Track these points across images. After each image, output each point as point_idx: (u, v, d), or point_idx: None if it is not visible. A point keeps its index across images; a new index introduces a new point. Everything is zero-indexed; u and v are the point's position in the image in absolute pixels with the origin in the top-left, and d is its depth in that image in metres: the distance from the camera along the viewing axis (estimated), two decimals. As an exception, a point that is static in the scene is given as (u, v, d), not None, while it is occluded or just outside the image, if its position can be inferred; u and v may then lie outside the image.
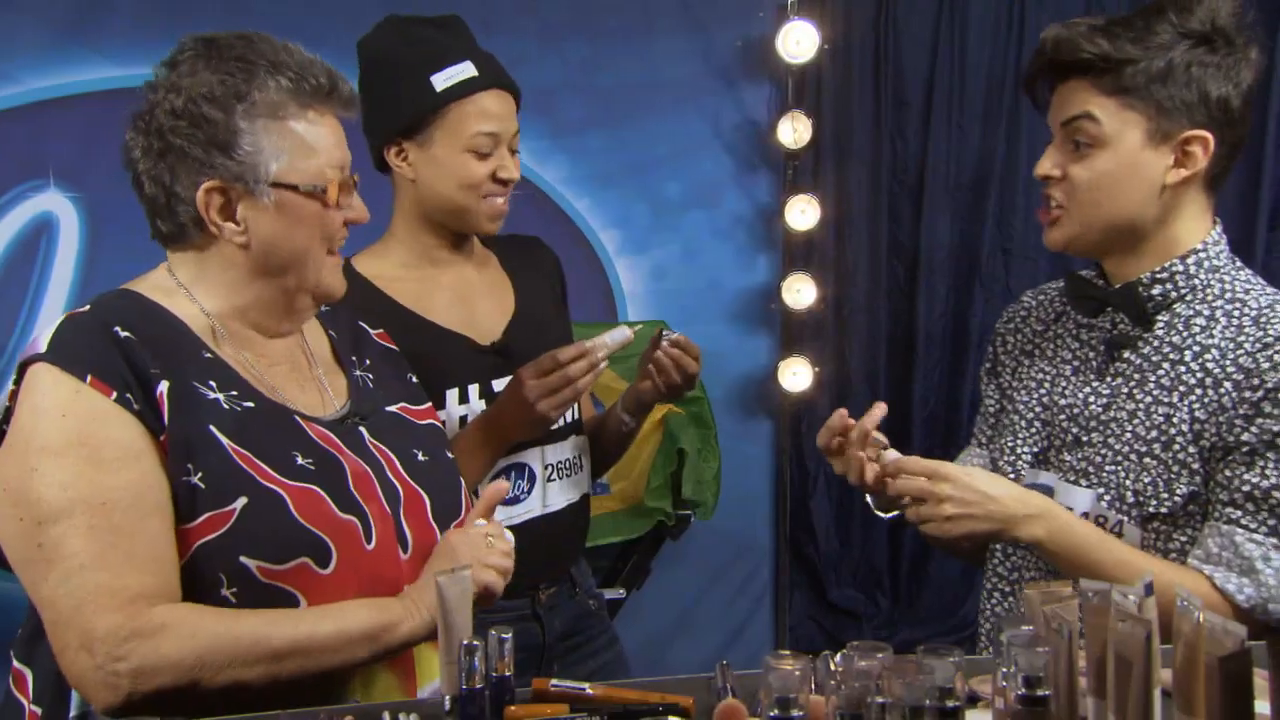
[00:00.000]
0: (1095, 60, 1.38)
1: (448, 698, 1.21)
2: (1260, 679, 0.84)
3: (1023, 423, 1.55)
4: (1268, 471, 1.34)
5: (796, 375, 3.44)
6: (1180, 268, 1.43)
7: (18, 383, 1.22)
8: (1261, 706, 0.84)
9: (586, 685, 1.30)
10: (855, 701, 0.92)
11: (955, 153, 3.63)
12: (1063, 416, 1.49)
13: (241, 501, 1.23)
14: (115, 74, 2.95)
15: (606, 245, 3.41)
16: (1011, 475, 1.52)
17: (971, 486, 1.38)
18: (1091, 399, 1.47)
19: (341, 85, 1.34)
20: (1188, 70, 1.38)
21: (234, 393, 1.29)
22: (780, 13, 3.34)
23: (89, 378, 1.20)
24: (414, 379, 1.57)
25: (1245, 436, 1.34)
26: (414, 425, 1.49)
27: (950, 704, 0.91)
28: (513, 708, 1.21)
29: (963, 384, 3.68)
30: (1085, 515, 1.43)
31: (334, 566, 1.27)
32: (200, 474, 1.22)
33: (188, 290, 1.32)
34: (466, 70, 1.80)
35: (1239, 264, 1.47)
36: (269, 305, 1.36)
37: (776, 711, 0.95)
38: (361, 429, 1.40)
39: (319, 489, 1.28)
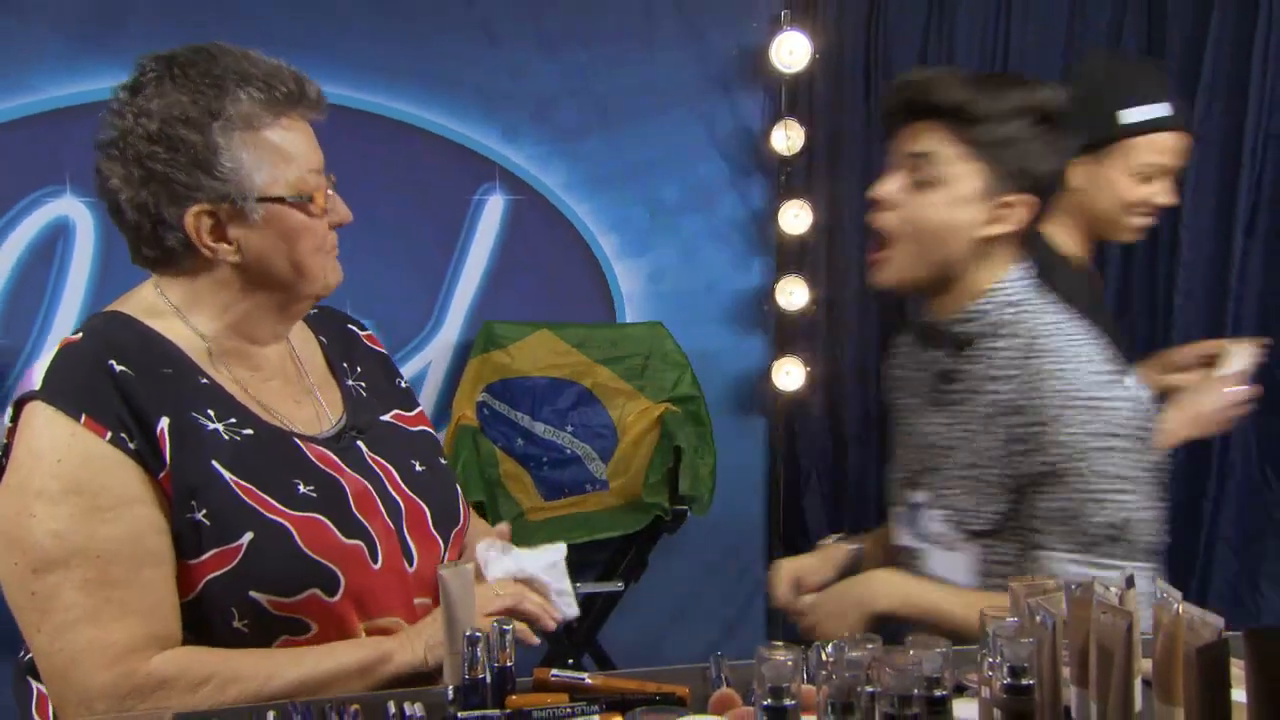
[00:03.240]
0: (955, 108, 1.49)
1: (451, 687, 1.24)
2: (1237, 669, 0.86)
3: (900, 449, 1.70)
4: (1058, 495, 1.44)
5: (789, 375, 3.52)
6: (984, 305, 1.54)
7: (14, 419, 1.19)
8: (1238, 695, 0.86)
9: (585, 675, 1.32)
10: (845, 691, 0.92)
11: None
12: (918, 444, 1.63)
13: (248, 537, 1.22)
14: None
15: (605, 248, 3.49)
16: (894, 499, 1.69)
17: (829, 598, 1.60)
18: (929, 428, 1.61)
19: (309, 88, 1.30)
20: (1024, 144, 1.50)
21: (232, 420, 1.26)
22: (774, 23, 3.41)
23: (83, 418, 1.17)
24: (403, 383, 1.55)
25: (1040, 464, 1.45)
26: (409, 434, 1.48)
27: (938, 693, 0.92)
28: (514, 696, 1.24)
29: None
30: (935, 534, 1.58)
31: (341, 593, 1.28)
32: (204, 510, 1.20)
33: (180, 312, 1.30)
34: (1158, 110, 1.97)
35: (1047, 299, 1.56)
36: (264, 317, 1.34)
37: (770, 700, 0.95)
38: (360, 443, 1.39)
39: (322, 517, 1.28)
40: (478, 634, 1.24)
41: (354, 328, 1.56)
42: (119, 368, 1.20)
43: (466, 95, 3.34)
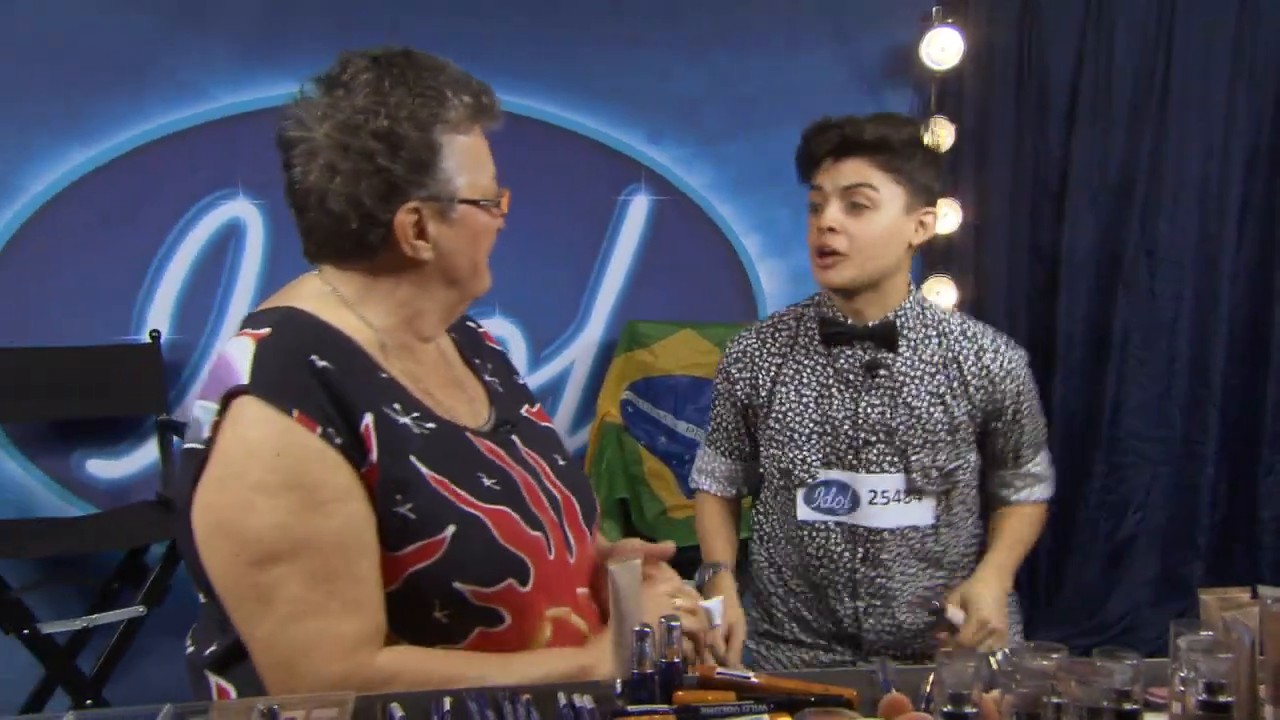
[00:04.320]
0: (878, 143, 1.80)
1: (619, 681, 1.25)
2: None
3: (802, 437, 1.90)
4: (1020, 430, 1.93)
5: (935, 377, 3.47)
6: (911, 307, 1.89)
7: (221, 414, 1.18)
8: None
9: (751, 674, 1.31)
10: (1031, 701, 0.91)
11: (1099, 156, 3.59)
12: (846, 426, 1.87)
13: (450, 529, 1.23)
14: (298, 89, 3.13)
15: (749, 249, 3.50)
16: (808, 478, 1.90)
17: (993, 612, 1.80)
18: (866, 409, 1.87)
19: (496, 101, 1.34)
20: (926, 166, 1.85)
21: (416, 415, 1.27)
22: (924, 20, 3.37)
23: (295, 412, 1.17)
24: (521, 380, 1.55)
25: (1005, 415, 1.90)
26: (543, 429, 1.50)
27: (1128, 707, 0.90)
28: (681, 692, 1.24)
29: (1103, 387, 3.65)
30: (890, 494, 1.87)
31: (532, 583, 1.29)
32: (409, 505, 1.21)
33: (353, 306, 1.30)
34: None
35: (928, 300, 1.95)
36: (434, 313, 1.36)
37: (950, 708, 0.94)
38: (514, 438, 1.41)
39: (509, 509, 1.29)
40: (647, 629, 1.26)
41: (472, 324, 1.56)
42: (320, 363, 1.21)
43: (613, 98, 3.39)
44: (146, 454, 3.22)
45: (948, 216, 3.41)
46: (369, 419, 1.21)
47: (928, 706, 1.20)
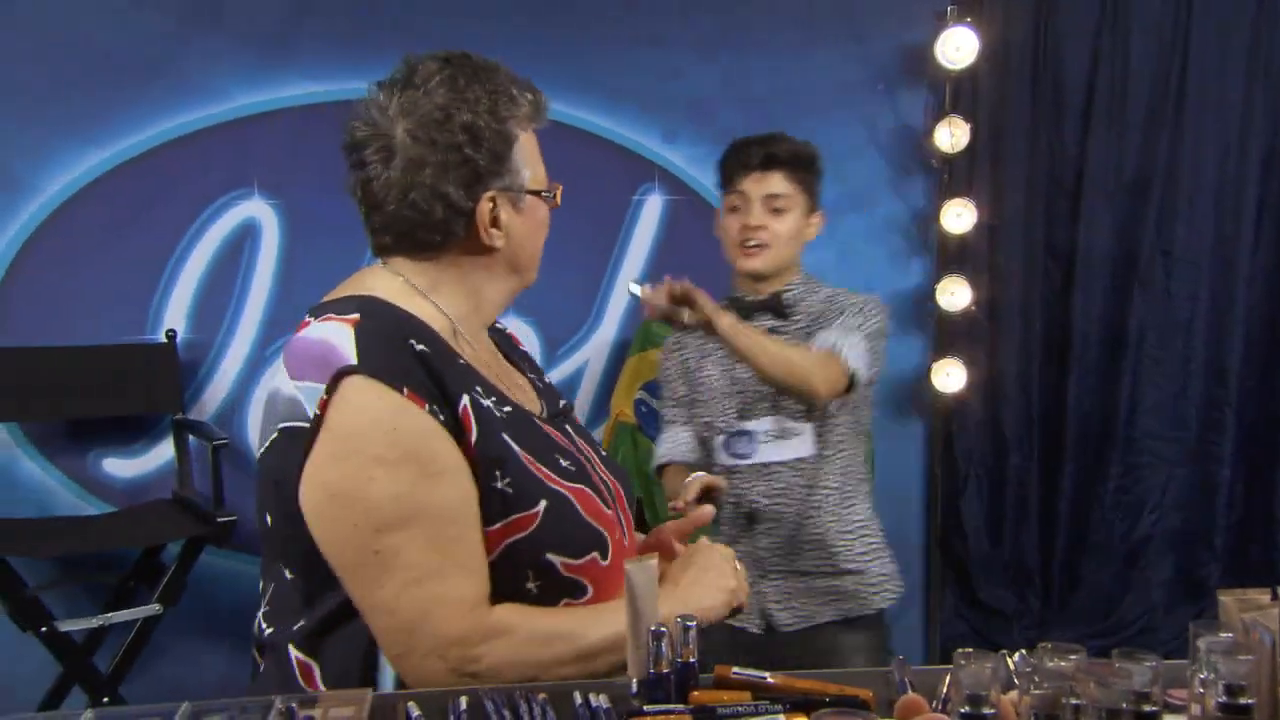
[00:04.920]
0: (793, 160, 2.29)
1: (635, 680, 1.25)
2: None
3: (719, 396, 2.32)
4: (847, 319, 2.25)
5: (950, 376, 3.47)
6: (800, 283, 2.34)
7: (330, 392, 1.22)
8: None
9: (767, 674, 1.30)
10: (1050, 702, 0.91)
11: (1115, 156, 3.59)
12: (752, 384, 2.26)
13: (543, 504, 1.30)
14: (312, 89, 3.14)
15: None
16: (723, 429, 2.30)
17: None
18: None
19: (547, 101, 1.42)
20: (819, 179, 2.36)
21: (494, 399, 1.33)
22: (939, 19, 3.36)
23: (405, 390, 1.22)
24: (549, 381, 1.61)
25: (839, 313, 2.26)
26: (580, 424, 1.57)
27: (1147, 709, 0.90)
28: (697, 692, 1.24)
29: (1119, 388, 3.64)
30: (774, 432, 2.26)
31: (610, 557, 1.36)
32: (506, 480, 1.28)
33: (427, 295, 1.36)
34: None
35: (813, 279, 2.38)
36: (499, 300, 1.43)
37: (968, 708, 0.94)
38: (567, 426, 1.48)
39: (587, 488, 1.36)
40: (662, 629, 1.27)
41: (500, 326, 1.62)
42: (419, 346, 1.27)
43: (627, 98, 3.39)
44: (162, 453, 3.23)
45: (962, 216, 3.41)
46: (466, 400, 1.28)
47: (945, 707, 1.20)
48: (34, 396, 3.07)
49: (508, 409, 1.34)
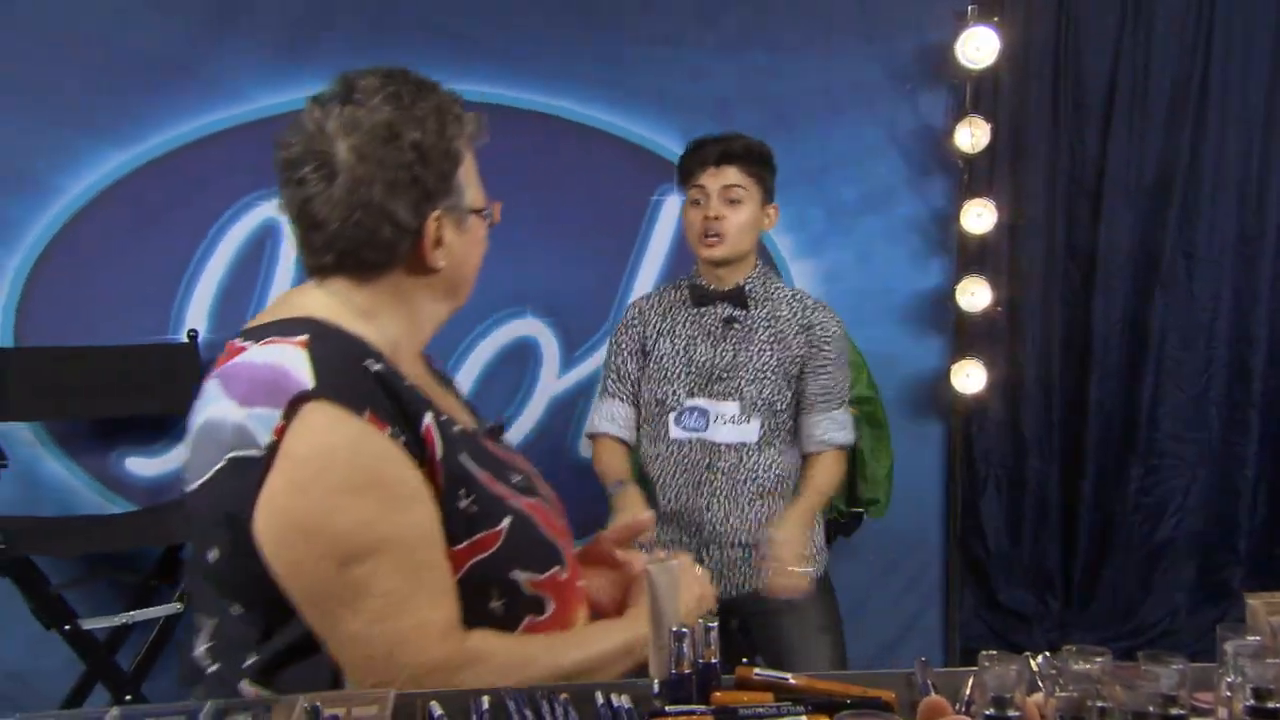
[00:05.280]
0: (747, 154, 2.46)
1: (656, 681, 1.25)
2: None
3: (673, 375, 2.50)
4: (826, 379, 2.50)
5: (970, 377, 3.45)
6: (759, 274, 2.54)
7: (287, 418, 1.18)
8: None
9: (789, 675, 1.31)
10: (1076, 705, 0.90)
11: (1136, 156, 3.57)
12: (706, 366, 2.48)
13: (507, 521, 1.29)
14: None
15: (782, 249, 3.49)
16: (675, 405, 2.49)
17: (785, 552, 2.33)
18: (722, 355, 2.48)
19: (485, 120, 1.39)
20: (773, 173, 2.52)
21: (444, 418, 1.30)
22: (959, 19, 3.35)
23: (366, 413, 1.19)
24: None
25: (816, 362, 2.50)
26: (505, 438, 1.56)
27: (1174, 712, 0.90)
28: (719, 693, 1.24)
29: (1140, 389, 3.63)
30: (728, 417, 2.46)
31: (568, 570, 1.36)
32: (471, 498, 1.26)
33: (368, 317, 1.32)
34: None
35: (770, 272, 2.60)
36: (435, 321, 1.40)
37: (992, 710, 0.94)
38: (503, 442, 1.48)
39: (539, 502, 1.36)
40: (684, 629, 1.27)
41: None
42: (375, 367, 1.25)
43: (646, 97, 3.39)
44: (184, 452, 3.24)
45: (983, 216, 3.39)
46: (428, 419, 1.25)
47: (968, 709, 1.20)
48: (57, 396, 3.09)
49: (456, 428, 1.32)
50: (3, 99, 3.08)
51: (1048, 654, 1.10)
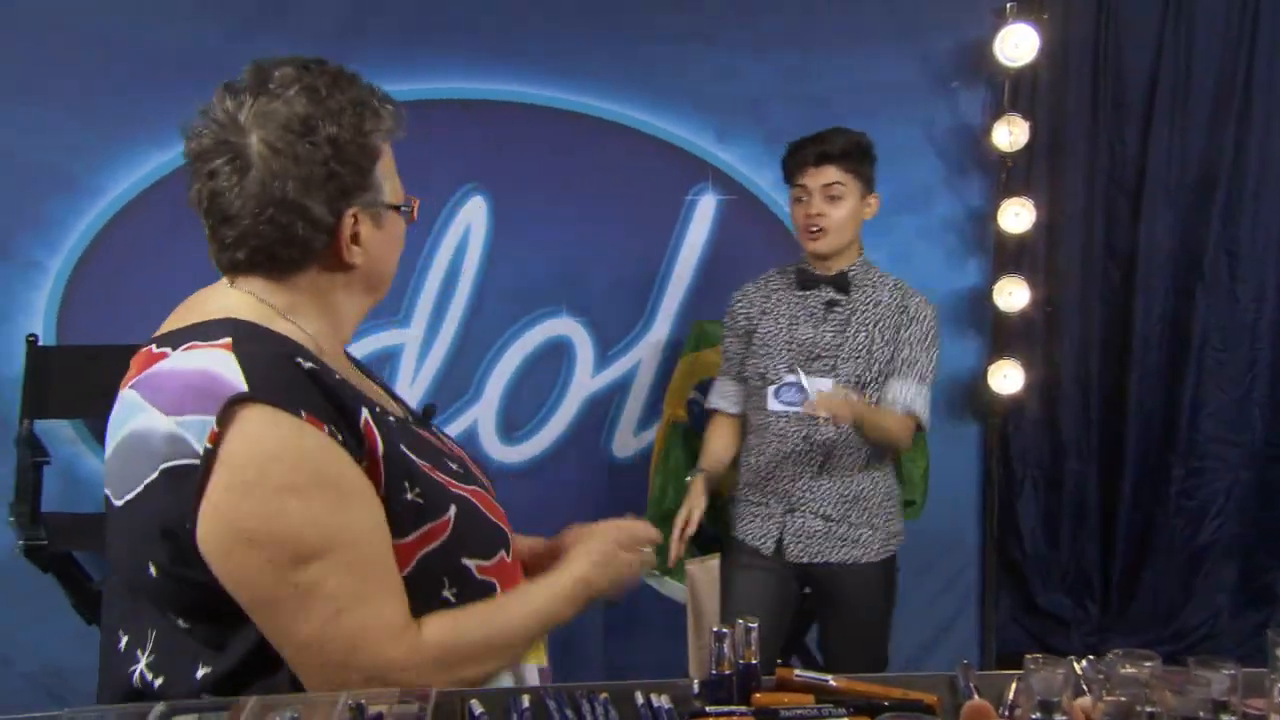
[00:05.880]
0: (844, 153, 2.58)
1: (696, 681, 1.28)
2: None
3: (774, 351, 2.65)
4: (909, 352, 2.60)
5: (1007, 378, 3.42)
6: (860, 263, 2.67)
7: (222, 423, 1.14)
8: None
9: (829, 677, 1.31)
10: (1125, 710, 0.89)
11: (1178, 154, 3.53)
12: (809, 344, 2.62)
13: (452, 509, 1.27)
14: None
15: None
16: (775, 379, 2.62)
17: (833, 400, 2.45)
18: (822, 335, 2.62)
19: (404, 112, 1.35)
20: (872, 164, 2.64)
21: (378, 410, 1.28)
22: (998, 16, 3.32)
23: (304, 413, 1.17)
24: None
25: (903, 336, 2.60)
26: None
27: (1225, 718, 0.89)
28: (759, 694, 1.25)
29: (1182, 389, 3.59)
30: (825, 391, 2.50)
31: (512, 553, 1.36)
32: (416, 490, 1.25)
33: (286, 315, 1.29)
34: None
35: (870, 261, 2.69)
36: (354, 317, 1.37)
37: (1039, 715, 0.94)
38: (434, 426, 1.47)
39: (478, 488, 1.35)
40: (724, 630, 1.26)
41: None
42: (306, 364, 1.22)
43: (681, 97, 3.39)
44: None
45: (1020, 215, 3.36)
46: (365, 414, 1.23)
47: (1011, 713, 1.18)
48: (98, 395, 3.08)
49: (392, 419, 1.30)
50: (44, 101, 3.11)
51: (1091, 657, 1.08)
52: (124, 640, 1.28)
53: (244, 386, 1.15)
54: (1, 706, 3.00)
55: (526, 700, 1.29)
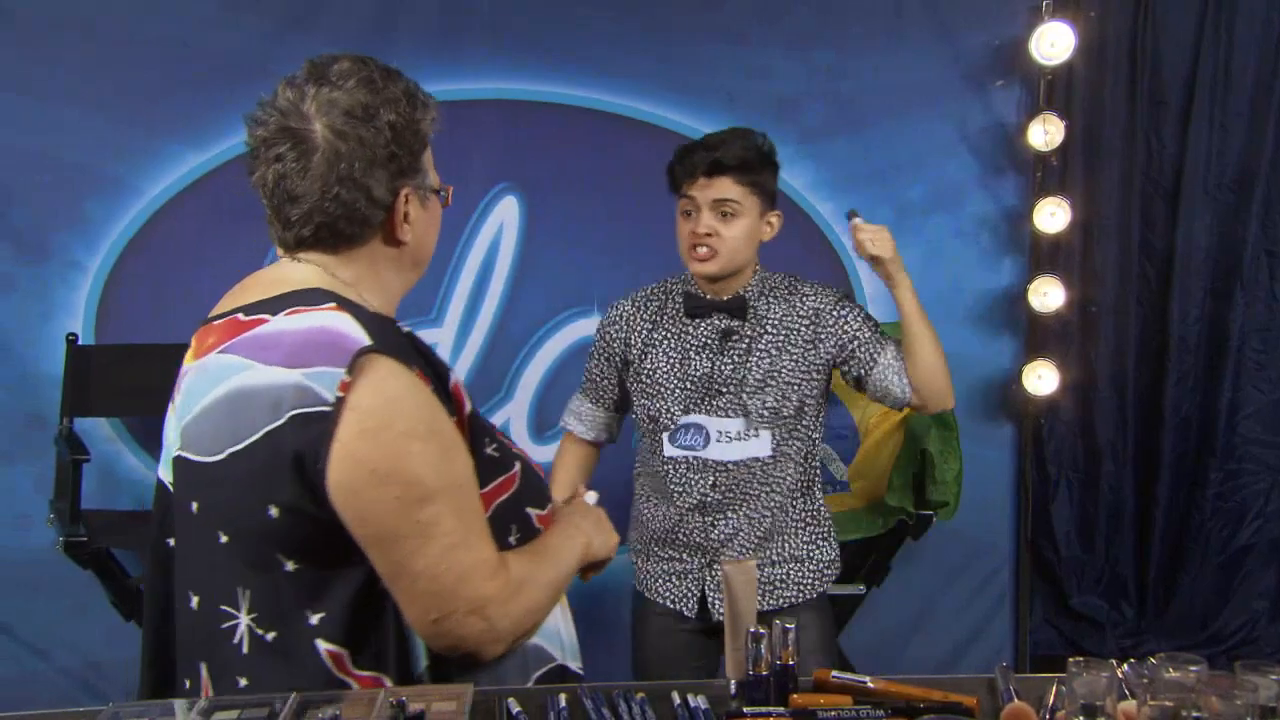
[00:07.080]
0: (741, 164, 2.21)
1: (734, 682, 1.29)
2: None
3: (667, 390, 2.30)
4: (872, 358, 2.29)
5: (1042, 379, 3.40)
6: (756, 284, 2.31)
7: (351, 373, 1.24)
8: None
9: (868, 679, 1.32)
10: (1170, 715, 0.89)
11: (1216, 153, 3.49)
12: (705, 379, 2.27)
13: (518, 464, 1.42)
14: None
15: (849, 248, 3.44)
16: (669, 423, 2.28)
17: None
18: (721, 367, 2.27)
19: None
20: (771, 178, 2.27)
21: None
22: (1033, 14, 3.30)
23: (415, 369, 1.29)
24: None
25: (853, 347, 2.28)
26: None
27: (1276, 724, 0.86)
28: (797, 696, 1.26)
29: (1220, 390, 3.55)
30: (732, 434, 2.25)
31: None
32: (494, 446, 1.39)
33: (353, 288, 1.39)
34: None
35: (768, 272, 2.34)
36: (400, 295, 1.48)
37: (1082, 718, 0.94)
38: None
39: (519, 446, 1.48)
40: (762, 631, 1.27)
41: None
42: (405, 328, 1.36)
43: (712, 96, 3.37)
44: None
45: (1056, 215, 3.34)
46: (454, 376, 1.37)
47: (1052, 717, 1.18)
48: (136, 393, 3.15)
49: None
50: (83, 102, 3.15)
51: (1133, 661, 1.07)
52: (195, 600, 1.36)
53: (368, 340, 1.26)
54: (40, 701, 3.04)
55: (564, 699, 1.30)
